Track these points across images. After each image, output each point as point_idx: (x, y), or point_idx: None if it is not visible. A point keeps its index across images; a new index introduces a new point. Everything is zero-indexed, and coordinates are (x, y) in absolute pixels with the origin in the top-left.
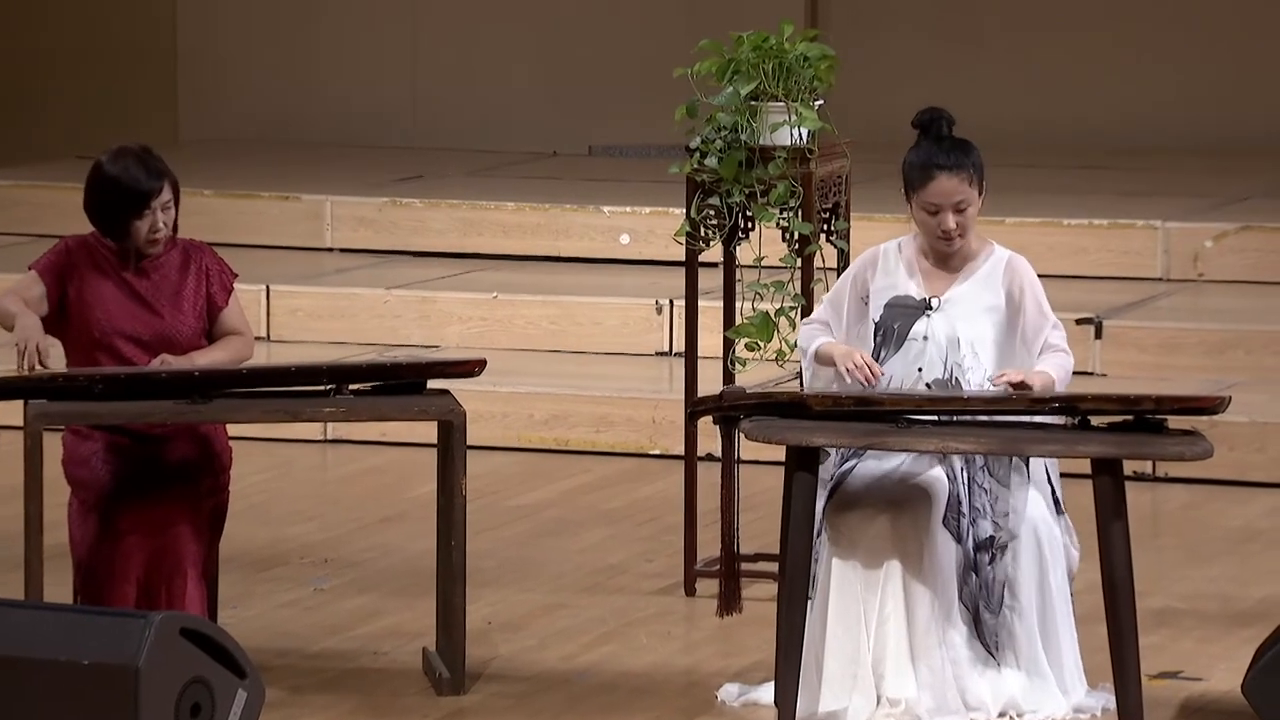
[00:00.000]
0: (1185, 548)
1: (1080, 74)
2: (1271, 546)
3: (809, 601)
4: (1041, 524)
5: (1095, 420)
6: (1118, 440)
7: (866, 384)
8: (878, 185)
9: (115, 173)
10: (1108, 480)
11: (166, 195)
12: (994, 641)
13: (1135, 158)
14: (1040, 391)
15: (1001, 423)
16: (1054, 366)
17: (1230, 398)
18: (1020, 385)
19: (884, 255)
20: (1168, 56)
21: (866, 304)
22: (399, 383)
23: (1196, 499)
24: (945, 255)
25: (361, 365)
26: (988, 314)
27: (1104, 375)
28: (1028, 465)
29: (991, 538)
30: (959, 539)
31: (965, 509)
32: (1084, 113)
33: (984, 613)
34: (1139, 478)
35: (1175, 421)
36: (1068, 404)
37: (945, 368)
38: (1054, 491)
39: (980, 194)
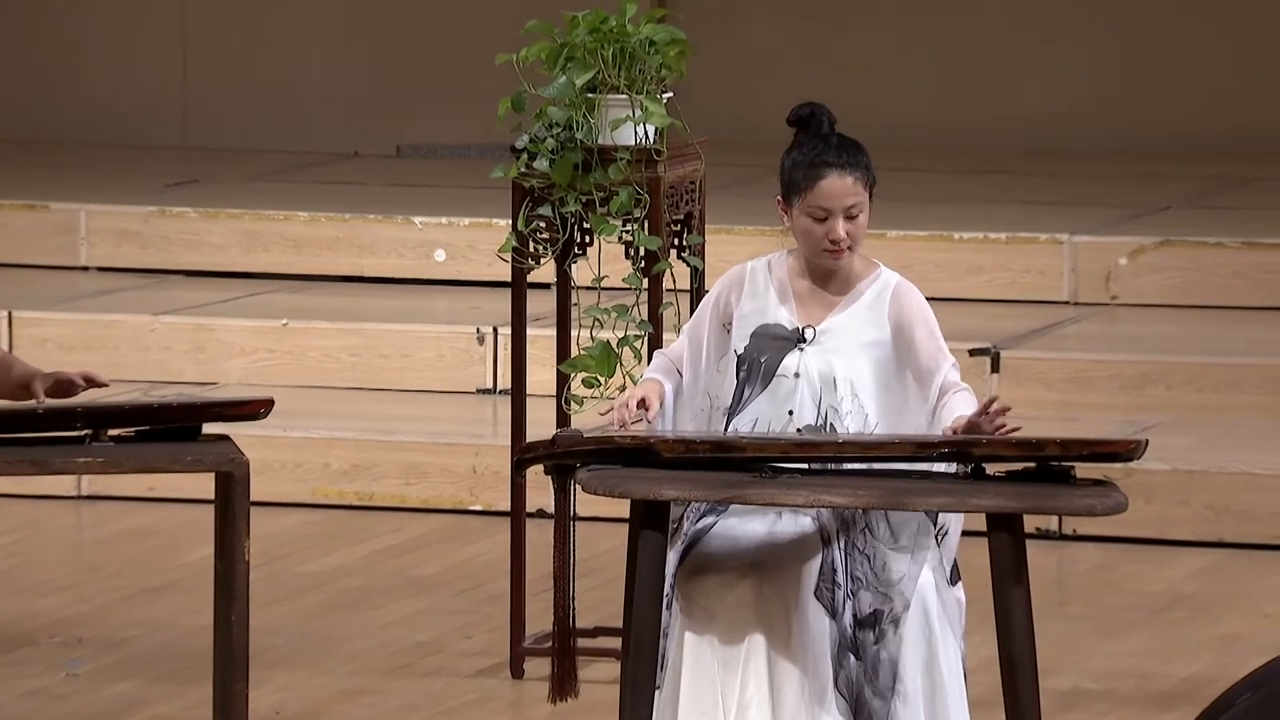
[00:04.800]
0: (1097, 617)
1: (975, 65)
2: (1196, 615)
3: (657, 685)
4: (930, 593)
5: (991, 468)
6: (1017, 492)
7: (625, 425)
8: (737, 192)
9: None
10: (1005, 538)
11: None
12: None
13: (1038, 161)
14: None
15: (882, 471)
16: (967, 405)
17: (1147, 441)
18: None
19: (751, 275)
20: (1077, 45)
21: (729, 332)
22: (169, 427)
23: (1109, 560)
24: (827, 275)
25: (123, 407)
26: (868, 349)
27: None
28: (934, 522)
29: (878, 611)
30: (833, 614)
31: (842, 579)
32: (979, 110)
33: (865, 701)
34: (1042, 535)
35: (1084, 470)
36: (958, 449)
37: (819, 411)
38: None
39: (870, 202)
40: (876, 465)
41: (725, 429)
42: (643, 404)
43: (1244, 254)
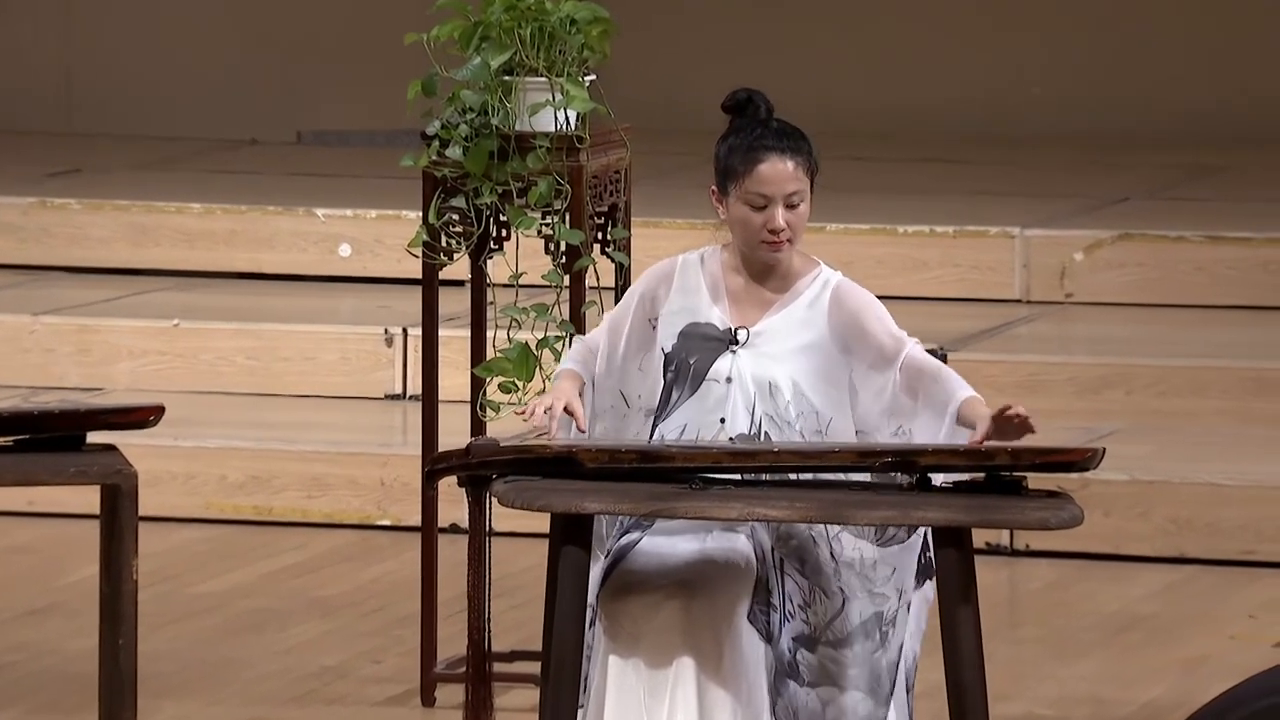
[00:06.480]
0: (1050, 639)
1: (919, 47)
2: (1156, 637)
3: (580, 711)
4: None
5: (937, 479)
6: (965, 504)
7: (548, 431)
8: (666, 183)
9: None
10: (953, 554)
11: None
12: None
13: (988, 149)
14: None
15: (820, 483)
16: (958, 383)
17: (1105, 450)
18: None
19: (682, 270)
20: (1028, 25)
21: (654, 329)
22: (50, 436)
23: (1064, 577)
24: (764, 272)
25: (1, 414)
26: (806, 352)
27: None
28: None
29: (876, 614)
30: (768, 639)
31: (778, 599)
32: (924, 95)
33: None
34: (992, 551)
35: (1037, 480)
36: (902, 458)
37: (753, 419)
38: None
39: (811, 192)
40: (815, 476)
41: (651, 435)
42: (567, 410)
43: (1207, 249)
